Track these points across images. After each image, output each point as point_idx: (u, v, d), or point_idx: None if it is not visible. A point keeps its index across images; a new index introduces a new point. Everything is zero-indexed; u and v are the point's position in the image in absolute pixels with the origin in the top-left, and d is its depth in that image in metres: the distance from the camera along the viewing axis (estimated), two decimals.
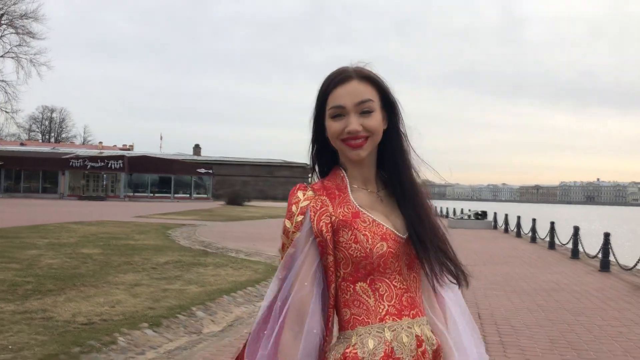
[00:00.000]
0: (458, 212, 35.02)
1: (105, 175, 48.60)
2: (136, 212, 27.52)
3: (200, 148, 75.11)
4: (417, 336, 1.37)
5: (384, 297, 1.37)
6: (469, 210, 31.30)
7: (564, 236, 14.96)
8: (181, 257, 10.53)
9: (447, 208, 41.74)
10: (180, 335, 5.35)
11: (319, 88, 1.46)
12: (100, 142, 79.96)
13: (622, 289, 8.74)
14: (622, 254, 11.00)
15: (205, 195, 52.28)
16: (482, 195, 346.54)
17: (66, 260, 9.47)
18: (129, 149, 74.81)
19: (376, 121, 1.41)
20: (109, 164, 47.67)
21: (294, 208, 1.40)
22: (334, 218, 1.38)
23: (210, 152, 73.95)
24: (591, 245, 13.02)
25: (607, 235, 10.81)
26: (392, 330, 1.35)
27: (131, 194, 48.27)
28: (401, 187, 1.46)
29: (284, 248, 1.42)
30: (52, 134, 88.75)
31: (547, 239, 16.34)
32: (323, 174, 1.51)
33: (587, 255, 12.82)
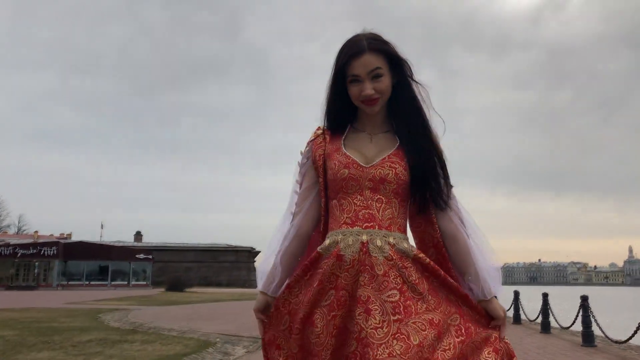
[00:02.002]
0: None
1: (37, 263, 45.83)
2: (68, 299, 25.85)
3: (141, 235, 72.85)
4: (362, 242, 1.71)
5: (345, 211, 1.77)
6: None
7: (506, 305, 14.95)
8: (107, 335, 9.74)
9: None
10: None
11: (337, 56, 1.82)
12: (36, 232, 75.86)
13: (563, 346, 8.63)
14: (563, 318, 10.96)
15: (144, 282, 49.99)
16: None
17: None
18: (65, 238, 71.43)
19: (384, 84, 1.78)
20: (42, 251, 45.09)
21: (307, 142, 1.94)
22: (326, 150, 1.86)
23: (153, 239, 71.72)
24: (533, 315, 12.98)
25: (545, 296, 10.83)
26: (343, 235, 1.73)
27: (65, 282, 45.47)
28: (407, 128, 1.84)
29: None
30: None
31: None
32: (335, 123, 1.90)
33: (529, 320, 12.81)
